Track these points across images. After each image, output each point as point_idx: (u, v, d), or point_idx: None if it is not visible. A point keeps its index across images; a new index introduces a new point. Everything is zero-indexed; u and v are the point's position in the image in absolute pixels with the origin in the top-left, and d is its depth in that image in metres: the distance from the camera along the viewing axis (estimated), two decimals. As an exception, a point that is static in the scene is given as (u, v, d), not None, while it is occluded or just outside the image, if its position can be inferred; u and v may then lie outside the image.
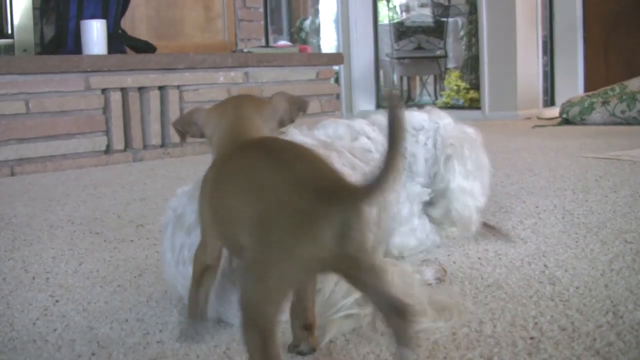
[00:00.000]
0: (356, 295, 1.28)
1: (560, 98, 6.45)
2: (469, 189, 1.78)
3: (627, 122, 5.19)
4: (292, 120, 1.26)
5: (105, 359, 1.22)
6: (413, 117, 1.84)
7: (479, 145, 1.85)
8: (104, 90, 4.05)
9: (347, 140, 1.63)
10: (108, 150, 4.08)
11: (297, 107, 1.27)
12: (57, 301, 1.54)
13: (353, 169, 1.55)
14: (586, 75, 6.72)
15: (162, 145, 4.28)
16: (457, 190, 1.78)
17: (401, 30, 8.31)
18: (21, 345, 1.29)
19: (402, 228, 1.76)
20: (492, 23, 6.34)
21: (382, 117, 1.77)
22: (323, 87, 5.15)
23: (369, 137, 1.70)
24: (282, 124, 1.25)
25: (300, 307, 1.14)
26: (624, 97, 5.23)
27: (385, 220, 1.69)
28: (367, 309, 1.27)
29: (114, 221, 2.31)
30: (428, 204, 1.83)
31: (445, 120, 1.86)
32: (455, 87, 8.06)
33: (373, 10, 7.56)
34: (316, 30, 9.01)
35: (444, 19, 8.26)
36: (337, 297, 1.28)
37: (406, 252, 1.78)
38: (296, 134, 1.55)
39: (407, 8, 8.69)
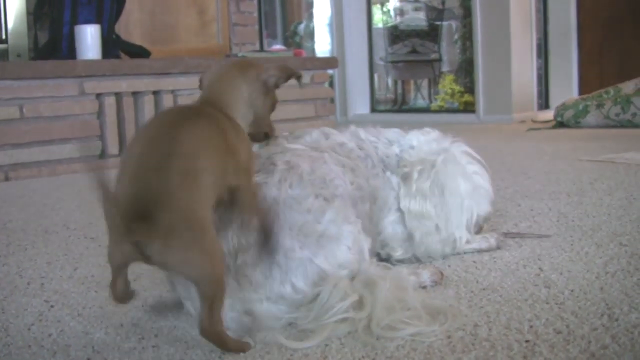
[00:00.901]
0: (353, 298, 1.28)
1: (555, 101, 6.46)
2: (416, 210, 1.75)
3: (622, 125, 5.20)
4: (276, 85, 1.41)
5: (101, 364, 1.22)
6: (388, 132, 1.85)
7: (450, 167, 1.79)
8: (98, 95, 4.05)
9: (323, 141, 1.64)
10: (102, 155, 4.08)
11: (286, 75, 1.41)
12: (52, 306, 1.54)
13: (343, 167, 1.56)
14: (580, 79, 6.73)
15: (157, 150, 4.27)
16: (404, 209, 1.76)
17: (395, 34, 8.32)
18: (16, 350, 1.29)
19: (391, 216, 1.76)
20: (486, 26, 6.34)
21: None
22: (317, 91, 5.15)
23: (337, 134, 1.72)
24: (265, 86, 1.40)
25: None
26: (618, 100, 5.24)
27: (376, 212, 1.69)
28: (363, 313, 1.27)
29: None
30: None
31: (420, 137, 1.85)
32: (449, 91, 8.07)
33: (367, 14, 7.57)
34: (310, 34, 9.02)
35: (438, 23, 8.27)
36: (334, 300, 1.29)
37: (396, 246, 1.77)
38: (285, 143, 1.55)
39: (401, 12, 8.70)
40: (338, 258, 1.36)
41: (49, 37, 4.39)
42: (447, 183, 1.76)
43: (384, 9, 8.61)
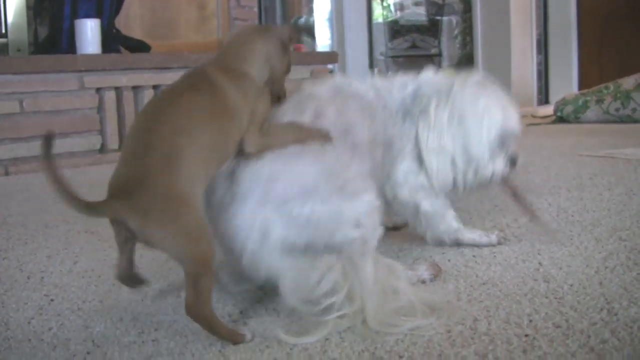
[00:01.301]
0: (344, 290, 1.28)
1: (555, 96, 6.46)
2: (434, 146, 1.73)
3: (621, 120, 5.20)
4: (290, 40, 1.46)
5: (101, 357, 1.22)
6: (402, 76, 1.84)
7: (467, 90, 1.77)
8: (98, 90, 4.05)
9: (346, 88, 1.67)
10: (102, 149, 4.08)
11: (294, 31, 1.44)
12: (52, 300, 1.54)
13: (363, 114, 1.60)
14: (580, 74, 6.73)
15: (157, 145, 4.27)
16: (422, 145, 1.74)
17: (395, 29, 8.32)
18: (16, 344, 1.29)
19: (405, 165, 1.75)
20: (486, 22, 6.34)
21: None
22: (317, 86, 5.13)
23: (358, 84, 1.73)
24: (282, 43, 1.44)
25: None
26: (618, 95, 5.24)
27: (389, 160, 1.70)
28: (354, 305, 1.27)
29: (108, 220, 2.30)
30: None
31: (430, 73, 1.84)
32: (449, 86, 8.05)
33: (367, 9, 7.56)
34: (310, 29, 9.01)
35: (438, 18, 8.27)
36: (324, 288, 1.29)
37: (403, 186, 1.76)
38: (311, 87, 1.61)
39: (401, 7, 8.69)
40: (358, 211, 1.39)
41: (49, 32, 4.39)
42: (466, 106, 1.74)
43: (384, 4, 8.61)
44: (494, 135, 1.76)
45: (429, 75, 1.82)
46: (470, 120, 1.73)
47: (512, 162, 1.83)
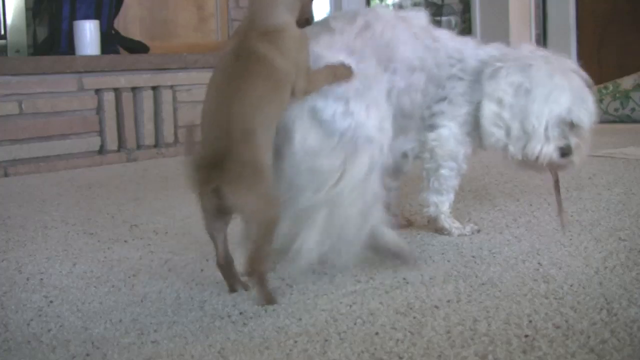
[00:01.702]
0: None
1: (554, 96, 6.44)
2: (493, 94, 1.74)
3: (621, 120, 5.20)
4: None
5: (100, 359, 1.22)
6: (493, 44, 1.90)
7: (549, 66, 1.77)
8: (97, 91, 4.04)
9: (424, 23, 1.76)
10: (102, 150, 4.07)
11: None
12: (51, 302, 1.54)
13: (415, 39, 1.69)
14: (579, 74, 6.71)
15: (156, 146, 4.27)
16: (484, 96, 1.75)
17: (394, 30, 8.31)
18: (15, 346, 1.29)
19: (449, 126, 1.80)
20: (485, 22, 6.34)
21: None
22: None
23: (450, 38, 1.80)
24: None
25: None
26: (617, 95, 5.24)
27: (431, 97, 1.76)
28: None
29: (107, 221, 2.31)
30: None
31: (530, 46, 1.88)
32: (448, 86, 8.04)
33: (366, 10, 7.56)
34: (309, 30, 9.01)
35: (437, 18, 8.27)
36: (314, 152, 1.49)
37: (422, 150, 1.85)
38: (379, 7, 1.72)
39: (400, 7, 8.69)
40: (373, 122, 1.51)
41: (48, 33, 4.39)
42: (537, 80, 1.73)
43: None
44: (555, 115, 1.74)
45: (526, 47, 1.84)
46: (536, 93, 1.73)
47: (564, 151, 1.80)
